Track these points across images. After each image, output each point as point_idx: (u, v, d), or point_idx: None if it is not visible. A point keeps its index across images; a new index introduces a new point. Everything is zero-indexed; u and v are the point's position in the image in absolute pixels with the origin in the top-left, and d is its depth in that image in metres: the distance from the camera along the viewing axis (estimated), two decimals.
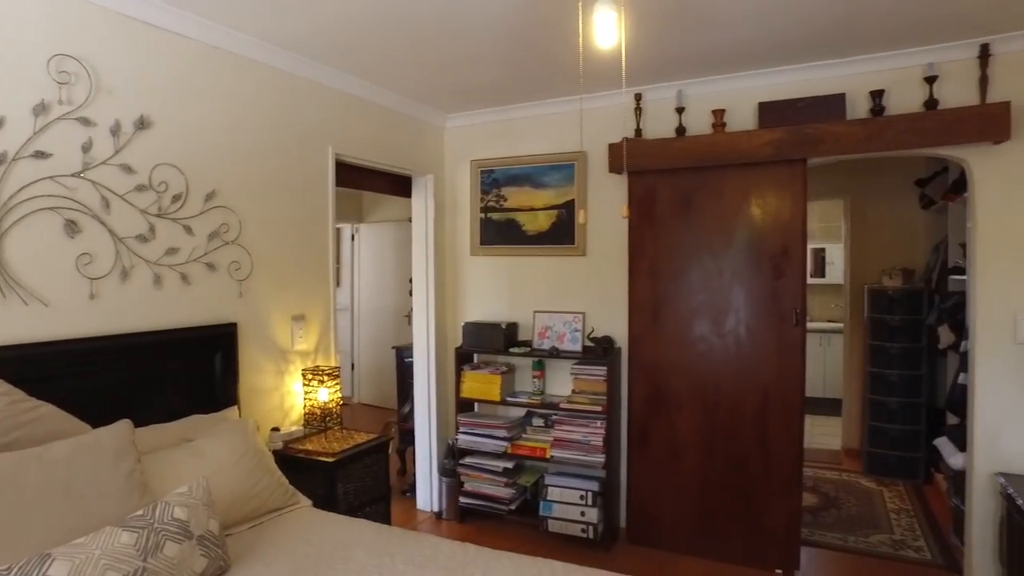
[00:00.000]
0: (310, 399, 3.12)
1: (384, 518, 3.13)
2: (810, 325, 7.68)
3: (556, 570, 2.06)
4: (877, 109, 3.15)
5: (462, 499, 4.06)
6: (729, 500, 3.52)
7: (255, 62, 2.97)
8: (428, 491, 4.36)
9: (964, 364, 3.43)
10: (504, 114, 4.15)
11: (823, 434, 6.34)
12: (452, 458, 4.12)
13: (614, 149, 3.62)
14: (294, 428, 3.17)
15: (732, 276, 3.48)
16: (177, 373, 2.61)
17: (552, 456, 3.77)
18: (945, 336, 4.13)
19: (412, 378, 4.44)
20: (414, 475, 4.49)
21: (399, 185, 4.31)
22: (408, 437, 4.69)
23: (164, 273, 2.57)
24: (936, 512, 4.28)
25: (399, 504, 4.46)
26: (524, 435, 3.95)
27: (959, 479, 3.43)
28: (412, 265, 4.38)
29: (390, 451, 4.61)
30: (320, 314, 3.38)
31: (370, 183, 4.10)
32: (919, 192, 5.00)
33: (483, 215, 4.25)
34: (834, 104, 3.20)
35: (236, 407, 2.81)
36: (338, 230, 7.53)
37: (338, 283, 7.56)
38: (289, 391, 3.19)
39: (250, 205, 2.96)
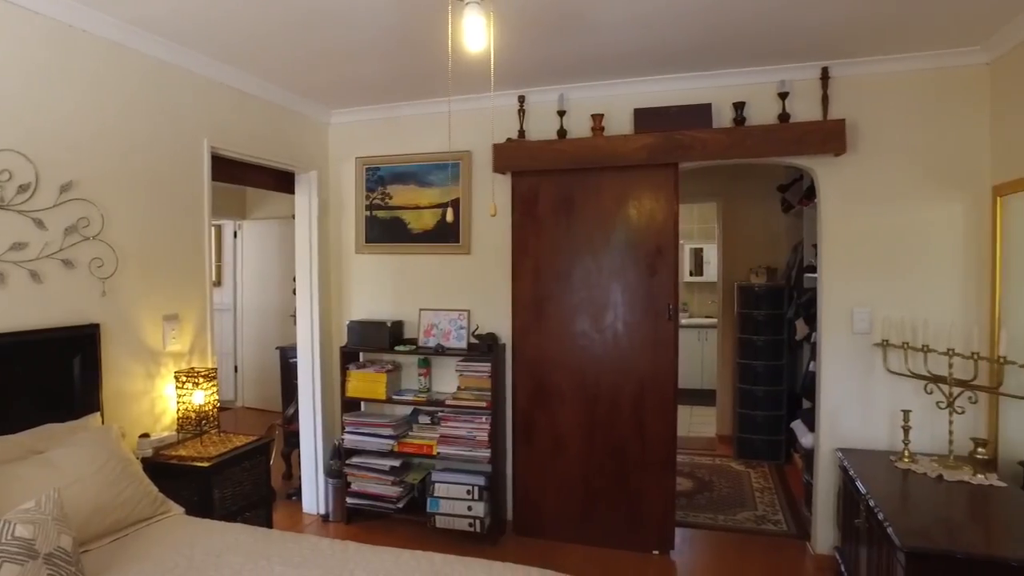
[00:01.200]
0: (184, 403, 2.99)
1: (265, 522, 3.05)
2: (689, 320, 8.15)
3: (435, 561, 2.09)
4: (739, 119, 3.41)
5: (349, 500, 4.01)
6: (609, 487, 3.69)
7: (118, 45, 2.80)
8: (314, 493, 4.28)
9: (814, 354, 3.77)
10: (390, 111, 4.13)
11: (701, 423, 6.75)
12: (338, 459, 4.07)
13: (498, 149, 3.70)
14: (166, 434, 3.02)
15: (610, 274, 3.65)
16: (27, 380, 2.41)
17: (439, 453, 3.81)
18: (800, 329, 4.53)
19: (297, 379, 4.34)
20: (300, 478, 4.39)
21: (283, 181, 4.20)
22: (293, 439, 4.58)
23: (8, 271, 2.37)
24: (793, 488, 4.68)
25: (284, 508, 4.35)
26: (411, 433, 3.96)
27: (810, 457, 3.77)
28: (295, 263, 4.27)
29: (274, 454, 4.49)
30: (196, 314, 3.24)
31: (252, 178, 3.97)
32: (781, 197, 5.44)
33: (368, 213, 4.22)
34: (702, 113, 3.43)
35: (99, 414, 2.65)
36: (219, 227, 7.20)
37: (219, 282, 7.23)
38: (160, 395, 3.03)
39: (115, 198, 2.79)
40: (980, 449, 2.79)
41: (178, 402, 3.00)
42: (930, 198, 3.26)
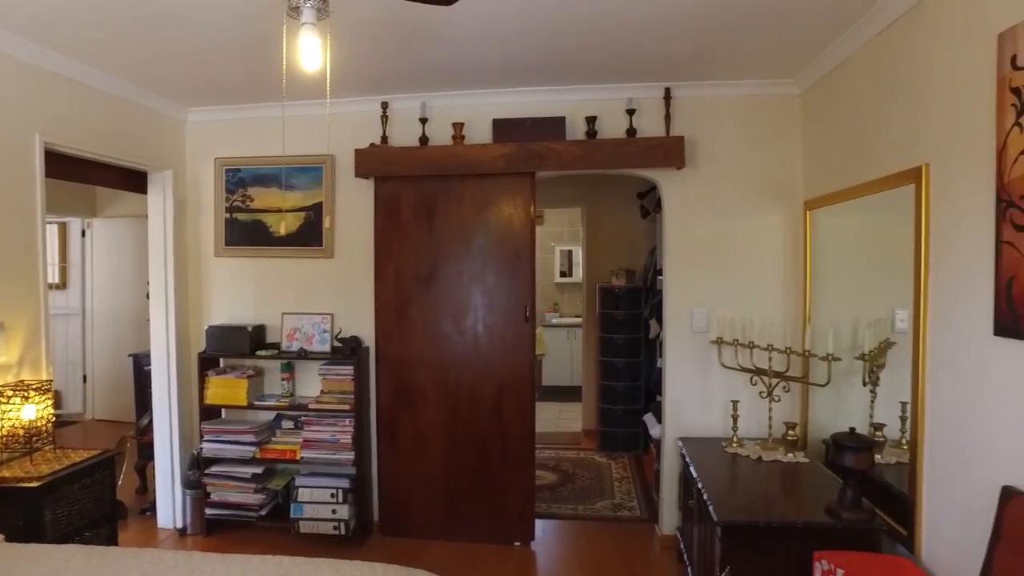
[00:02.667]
0: (10, 419, 2.78)
1: (108, 541, 2.91)
2: (560, 320, 8.47)
3: (283, 564, 2.11)
4: (591, 132, 3.63)
5: (208, 511, 3.88)
6: (472, 484, 3.81)
7: None
8: (171, 507, 4.09)
9: (662, 350, 4.09)
10: (251, 112, 4.04)
11: (569, 419, 7.05)
12: (197, 469, 3.92)
13: (361, 155, 3.72)
14: None
15: (471, 277, 3.77)
16: None
17: (302, 457, 3.78)
18: (653, 328, 4.87)
19: (152, 387, 4.13)
20: (155, 491, 4.18)
21: (134, 180, 3.99)
22: (148, 451, 4.35)
23: None
24: (648, 476, 5.03)
25: (137, 524, 4.13)
26: (274, 439, 3.89)
27: (659, 446, 4.08)
28: (149, 266, 4.07)
29: (125, 468, 4.25)
30: (27, 321, 3.03)
31: (98, 177, 3.74)
32: (640, 204, 5.80)
33: (228, 215, 4.10)
34: (556, 125, 3.62)
35: None
36: (63, 224, 6.68)
37: (64, 284, 6.70)
38: None
39: None
40: (791, 432, 3.17)
41: (2, 419, 2.79)
42: (756, 210, 3.64)
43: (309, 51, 1.81)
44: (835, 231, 3.33)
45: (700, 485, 2.85)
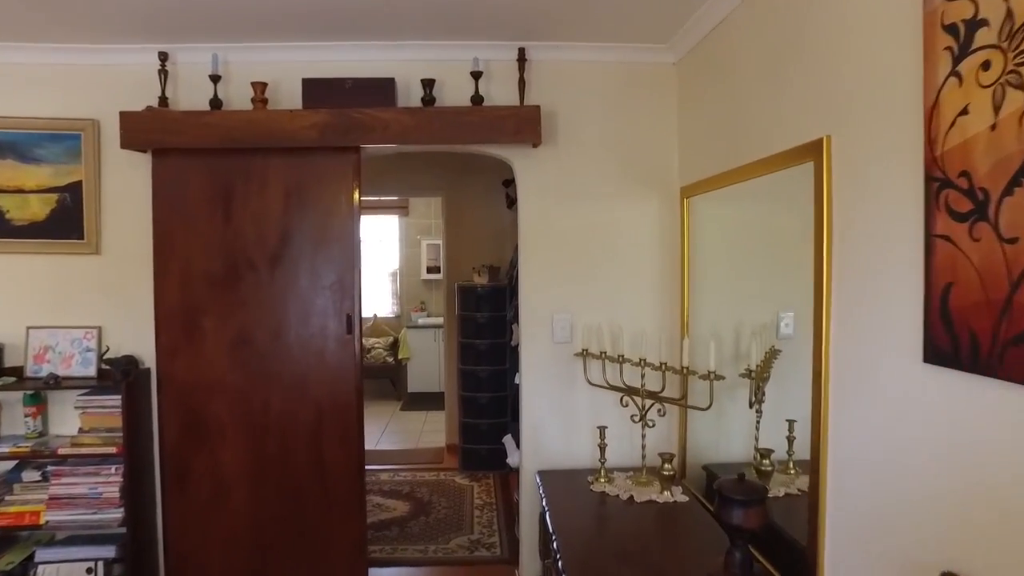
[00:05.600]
0: None
1: None
2: (426, 320, 7.77)
3: None
4: (428, 99, 2.94)
5: None
6: (286, 537, 3.03)
7: None
8: None
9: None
10: None
11: (433, 430, 6.36)
12: None
13: (129, 119, 2.82)
14: None
15: (281, 280, 2.98)
16: None
17: (47, 522, 2.83)
18: (517, 334, 4.26)
19: None
20: None
21: None
22: None
23: None
24: (513, 502, 4.44)
25: None
26: (9, 497, 2.91)
27: (519, 475, 3.48)
28: None
29: None
30: None
31: None
32: (505, 192, 5.20)
33: None
34: (384, 89, 2.90)
35: None
36: None
37: None
38: None
39: None
40: (667, 465, 2.64)
41: None
42: (627, 198, 3.10)
43: None
44: (716, 223, 2.85)
45: (556, 543, 2.25)
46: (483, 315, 4.95)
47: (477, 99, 2.94)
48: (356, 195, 2.98)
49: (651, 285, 3.10)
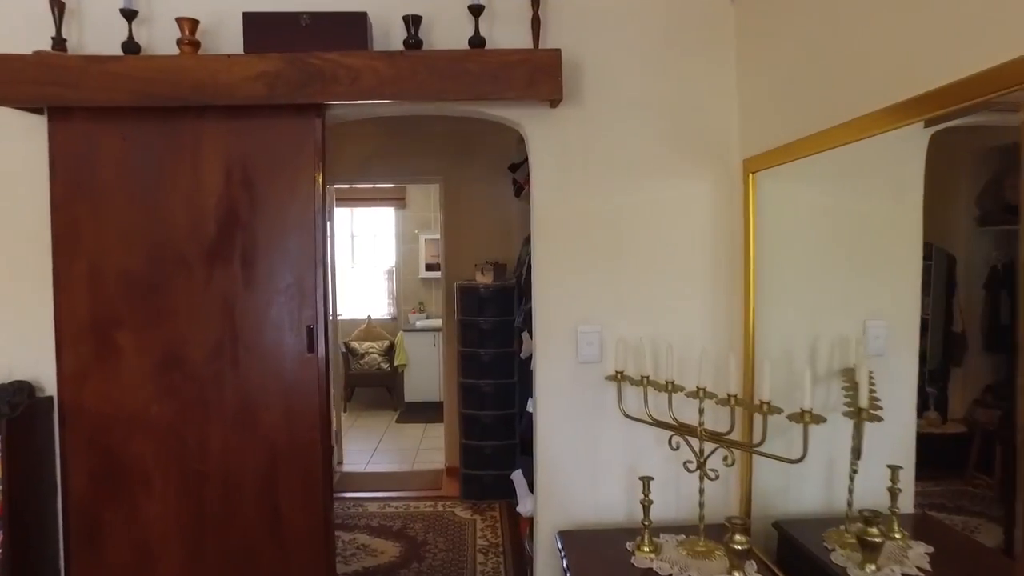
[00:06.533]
0: None
1: None
2: (425, 322, 7.08)
3: None
4: (413, 41, 2.22)
5: None
6: None
7: None
8: None
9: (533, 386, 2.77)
10: None
11: (432, 448, 5.65)
12: None
13: (7, 66, 2.11)
14: None
15: (221, 281, 2.27)
16: None
17: None
18: (527, 344, 3.55)
19: None
20: None
21: None
22: None
23: None
24: (524, 538, 3.73)
25: None
26: None
27: (532, 525, 2.77)
28: None
29: None
30: None
31: None
32: (512, 178, 4.50)
33: None
34: (353, 27, 2.18)
35: None
36: None
37: None
38: None
39: None
40: (738, 537, 1.91)
41: None
42: (670, 173, 2.38)
43: None
44: (794, 205, 2.16)
45: None
46: (487, 320, 4.24)
47: (477, 42, 2.22)
48: (320, 171, 2.27)
49: (704, 287, 2.38)
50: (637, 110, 2.36)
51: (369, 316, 7.34)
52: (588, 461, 2.39)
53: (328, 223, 5.17)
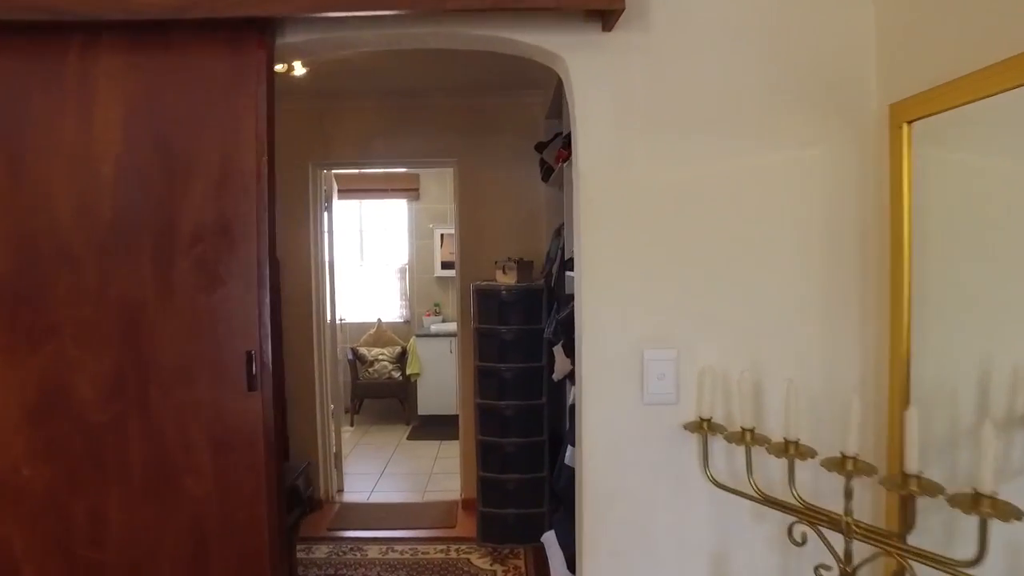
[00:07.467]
0: None
1: None
2: (440, 326, 6.40)
3: None
4: None
5: None
6: None
7: None
8: None
9: (572, 431, 2.03)
10: None
11: (447, 472, 4.93)
12: None
13: None
14: None
15: (122, 284, 1.57)
16: None
17: None
18: (560, 362, 2.81)
19: None
20: None
21: None
22: None
23: None
24: None
25: None
26: None
27: None
28: None
29: None
30: None
31: None
32: (539, 159, 3.78)
33: None
34: None
35: None
36: None
37: None
38: None
39: None
40: None
41: None
42: (777, 128, 1.62)
43: None
44: (980, 176, 1.40)
45: None
46: (510, 329, 3.50)
47: None
48: (266, 129, 1.55)
49: (832, 296, 1.62)
50: (727, 39, 1.61)
51: (379, 319, 6.66)
52: (657, 544, 1.65)
53: (327, 214, 4.52)
